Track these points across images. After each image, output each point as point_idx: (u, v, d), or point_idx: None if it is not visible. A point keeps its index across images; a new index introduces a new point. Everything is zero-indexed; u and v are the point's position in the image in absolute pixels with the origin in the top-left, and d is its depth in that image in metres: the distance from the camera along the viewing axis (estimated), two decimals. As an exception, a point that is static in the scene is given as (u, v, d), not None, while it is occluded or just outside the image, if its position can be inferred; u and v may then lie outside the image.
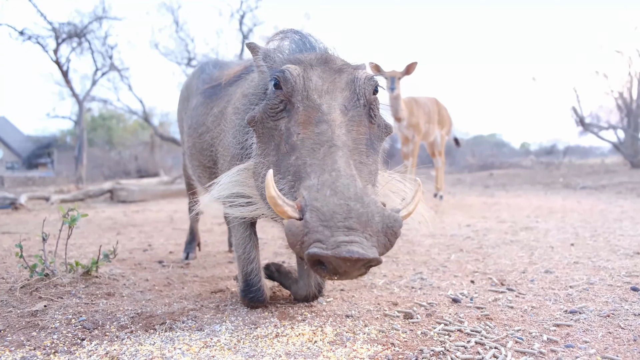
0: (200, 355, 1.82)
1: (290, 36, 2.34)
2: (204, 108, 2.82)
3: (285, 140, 1.85)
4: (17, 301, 2.48)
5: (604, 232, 4.87)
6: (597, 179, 14.11)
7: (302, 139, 1.80)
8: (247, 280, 2.44)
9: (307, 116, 1.86)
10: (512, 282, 2.95)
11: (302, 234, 1.51)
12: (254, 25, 22.20)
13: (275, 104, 1.95)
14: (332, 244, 1.46)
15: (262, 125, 1.97)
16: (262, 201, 1.97)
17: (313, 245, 1.47)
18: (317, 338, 2.00)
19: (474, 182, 16.40)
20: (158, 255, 4.07)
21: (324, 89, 1.94)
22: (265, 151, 1.94)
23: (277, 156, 1.87)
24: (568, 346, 1.89)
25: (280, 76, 1.95)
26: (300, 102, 1.90)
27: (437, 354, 1.84)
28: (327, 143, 1.75)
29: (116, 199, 10.80)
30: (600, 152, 32.69)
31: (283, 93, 1.93)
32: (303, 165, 1.71)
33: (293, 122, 1.88)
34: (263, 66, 2.19)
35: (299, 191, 1.63)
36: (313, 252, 1.46)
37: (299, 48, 2.25)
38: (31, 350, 1.86)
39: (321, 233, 1.49)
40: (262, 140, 1.97)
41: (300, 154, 1.76)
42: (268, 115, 1.95)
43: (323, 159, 1.70)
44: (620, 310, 2.33)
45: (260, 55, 2.20)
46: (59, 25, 18.73)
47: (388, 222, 1.58)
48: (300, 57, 2.10)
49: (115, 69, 21.45)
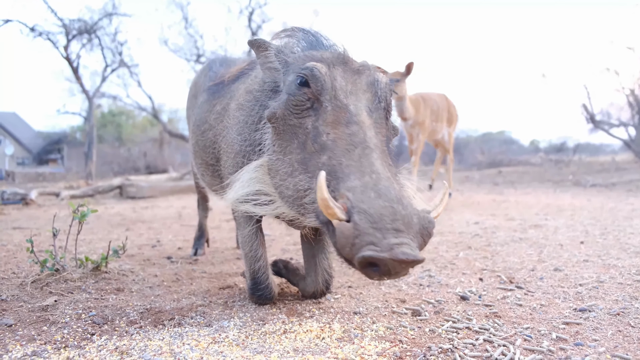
0: (209, 350, 1.83)
1: (299, 34, 2.33)
2: (207, 105, 2.82)
3: (312, 138, 1.86)
4: (28, 296, 2.51)
5: (614, 230, 4.83)
6: (607, 176, 14.00)
7: (333, 139, 1.81)
8: (254, 278, 2.44)
9: (335, 116, 1.87)
10: (521, 279, 2.94)
11: (353, 237, 1.52)
12: (263, 22, 22.18)
13: (301, 101, 1.94)
14: (386, 246, 1.48)
15: (284, 122, 1.96)
16: (281, 199, 1.97)
17: (367, 248, 1.48)
18: (325, 334, 2.01)
19: (482, 179, 16.33)
20: (167, 251, 4.09)
21: (348, 90, 1.95)
22: (287, 148, 1.93)
23: (302, 154, 1.87)
24: (577, 344, 1.89)
25: (308, 74, 1.94)
26: (328, 102, 1.91)
27: (445, 351, 1.83)
28: (360, 145, 1.78)
29: (125, 195, 10.86)
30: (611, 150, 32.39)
31: (311, 91, 1.93)
32: (339, 166, 1.72)
33: (321, 120, 1.88)
34: (274, 62, 2.17)
35: (340, 192, 1.64)
36: (369, 255, 1.47)
37: (311, 46, 2.24)
38: (42, 345, 1.87)
39: (373, 235, 1.50)
40: (283, 137, 1.96)
41: (333, 154, 1.77)
42: (291, 112, 1.95)
43: (359, 161, 1.73)
44: (631, 309, 2.31)
45: (272, 51, 2.18)
46: (69, 21, 18.81)
47: (424, 223, 1.63)
48: (320, 55, 2.09)
49: (125, 66, 21.53)
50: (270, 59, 2.19)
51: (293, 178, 1.87)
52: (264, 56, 2.20)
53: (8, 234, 5.02)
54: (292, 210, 1.94)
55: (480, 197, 9.63)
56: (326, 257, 2.57)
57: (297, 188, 1.85)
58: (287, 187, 1.90)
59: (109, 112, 33.22)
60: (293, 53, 2.19)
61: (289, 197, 1.91)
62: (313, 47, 2.23)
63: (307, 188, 1.81)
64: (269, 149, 2.04)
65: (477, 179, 16.59)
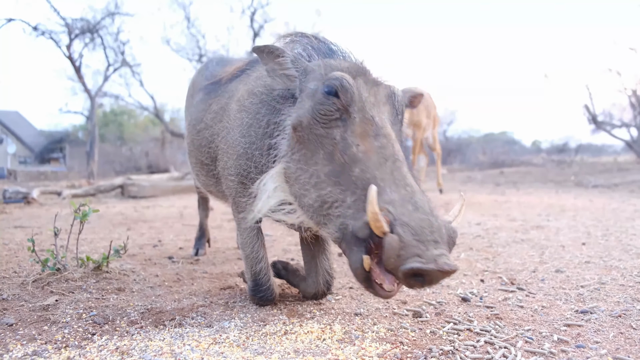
0: (209, 351, 1.83)
1: (306, 40, 2.31)
2: (203, 105, 2.81)
3: (341, 150, 1.86)
4: (29, 295, 2.51)
5: (616, 231, 4.82)
6: (609, 177, 13.97)
7: (364, 152, 1.83)
8: (256, 279, 2.43)
9: (363, 128, 1.89)
10: (523, 281, 2.93)
11: (399, 248, 1.57)
12: (265, 21, 22.24)
13: (330, 111, 1.92)
14: (430, 257, 1.55)
15: (309, 131, 1.95)
16: (301, 208, 1.98)
17: (413, 259, 1.54)
18: (325, 336, 2.00)
19: (484, 179, 16.31)
20: (168, 251, 4.09)
21: (371, 101, 1.97)
22: (312, 158, 1.92)
23: (330, 166, 1.86)
24: (579, 346, 1.88)
25: (337, 84, 1.93)
26: (357, 113, 1.92)
27: (446, 353, 1.83)
28: (391, 158, 1.83)
29: (127, 194, 10.87)
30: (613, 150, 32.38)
31: (340, 101, 1.92)
32: (374, 179, 1.75)
33: (350, 132, 1.89)
34: (290, 69, 2.13)
35: (379, 205, 1.66)
36: (417, 267, 1.53)
37: (323, 54, 2.23)
38: (42, 345, 1.87)
39: (417, 247, 1.57)
40: (307, 146, 1.95)
41: (366, 166, 1.79)
42: (318, 122, 1.93)
43: (392, 174, 1.78)
44: (632, 311, 2.30)
45: (288, 58, 2.13)
46: (72, 21, 18.89)
47: (450, 233, 1.70)
48: (339, 65, 2.10)
49: (127, 65, 21.59)
50: (285, 66, 2.14)
51: (319, 189, 1.87)
52: (278, 63, 2.15)
53: (10, 232, 5.02)
54: (311, 219, 1.95)
55: (482, 198, 9.62)
56: (327, 257, 2.57)
57: (324, 199, 1.85)
58: (309, 197, 1.90)
59: (111, 112, 33.30)
60: (308, 60, 2.17)
61: (309, 207, 1.91)
62: (326, 55, 2.21)
63: (335, 200, 1.81)
64: (286, 156, 2.03)
65: (479, 179, 16.58)
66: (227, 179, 2.43)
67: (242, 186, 2.35)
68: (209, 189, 2.96)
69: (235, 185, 2.38)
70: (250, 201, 2.34)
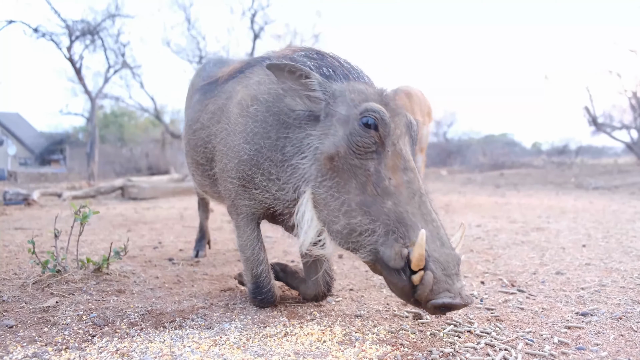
0: (210, 353, 1.83)
1: (330, 61, 2.27)
2: (199, 105, 2.80)
3: (374, 182, 1.93)
4: (29, 297, 2.51)
5: (617, 233, 4.82)
6: (609, 179, 13.97)
7: (395, 185, 1.93)
8: (257, 282, 2.43)
9: (394, 161, 1.97)
10: (523, 283, 2.93)
11: (432, 284, 1.77)
12: (265, 23, 22.27)
13: (367, 143, 1.96)
14: (456, 291, 1.77)
15: (345, 161, 1.98)
16: (330, 235, 2.02)
17: (443, 295, 1.76)
18: (326, 338, 2.00)
19: (484, 181, 16.31)
20: (168, 253, 4.09)
21: (397, 133, 2.03)
22: (345, 187, 1.96)
23: (362, 196, 1.93)
24: (579, 349, 1.88)
25: (377, 117, 1.97)
26: (390, 146, 1.99)
27: (447, 355, 1.83)
28: (418, 192, 1.95)
29: (127, 195, 10.87)
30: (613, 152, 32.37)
31: (378, 134, 1.96)
32: (406, 214, 1.88)
33: (383, 165, 1.96)
34: (317, 92, 2.10)
35: (412, 240, 1.82)
36: (447, 302, 1.74)
37: (345, 76, 2.20)
38: (42, 346, 1.87)
39: (446, 282, 1.78)
40: (341, 175, 1.98)
41: (398, 200, 1.90)
42: (354, 152, 1.97)
43: (420, 209, 1.91)
44: (633, 313, 2.30)
45: (315, 80, 2.10)
46: (72, 22, 18.92)
47: (458, 261, 1.88)
48: (365, 89, 2.11)
49: (127, 67, 21.62)
50: (311, 88, 2.11)
51: (349, 218, 1.93)
52: (303, 84, 2.11)
53: (10, 234, 5.02)
54: (339, 244, 2.01)
55: (482, 199, 9.62)
56: (327, 259, 2.57)
57: (354, 228, 1.92)
58: (339, 224, 1.96)
59: (111, 113, 33.29)
60: (330, 83, 2.14)
61: (338, 233, 1.98)
62: (345, 77, 2.20)
63: (366, 230, 1.90)
64: (315, 181, 2.04)
65: (479, 181, 16.58)
66: (226, 181, 2.42)
67: (244, 189, 2.35)
68: (204, 189, 2.96)
69: (236, 187, 2.38)
70: (250, 204, 2.35)
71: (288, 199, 2.20)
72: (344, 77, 2.20)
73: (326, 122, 2.09)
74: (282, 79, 2.14)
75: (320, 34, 23.23)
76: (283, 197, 2.21)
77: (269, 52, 2.63)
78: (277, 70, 2.13)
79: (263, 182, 2.25)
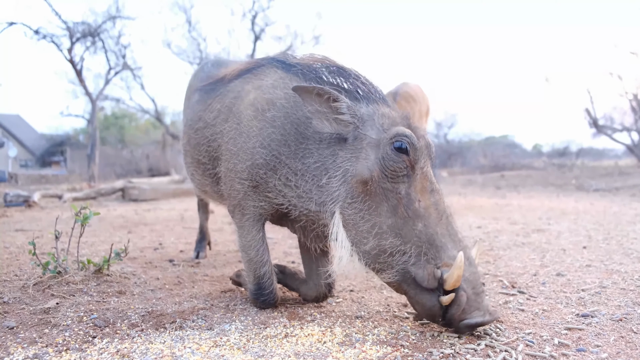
0: (210, 354, 1.83)
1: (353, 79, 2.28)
2: (200, 105, 2.79)
3: (405, 205, 1.99)
4: (30, 298, 2.51)
5: (617, 234, 4.82)
6: (610, 181, 13.96)
7: (425, 207, 2.01)
8: (259, 283, 2.42)
9: (422, 184, 2.04)
10: (523, 284, 2.93)
11: (464, 303, 1.88)
12: (266, 25, 22.30)
13: (400, 168, 2.01)
14: (485, 309, 1.91)
15: (377, 184, 2.02)
16: (357, 254, 2.06)
17: (475, 313, 1.89)
18: (326, 339, 2.00)
19: (485, 183, 16.31)
20: (169, 254, 4.09)
21: (423, 155, 2.08)
22: (377, 209, 2.01)
23: (393, 219, 1.99)
24: (579, 350, 1.88)
25: (409, 142, 2.02)
26: (419, 170, 2.05)
27: (447, 356, 1.83)
28: (444, 213, 2.03)
29: (128, 197, 10.87)
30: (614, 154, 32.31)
31: (409, 159, 2.02)
32: (436, 235, 1.96)
33: (413, 188, 2.02)
34: (346, 115, 2.11)
35: (444, 261, 1.93)
36: (480, 321, 1.88)
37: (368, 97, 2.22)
38: (43, 347, 1.88)
39: (476, 301, 1.90)
40: (372, 198, 2.02)
41: (428, 222, 1.98)
42: (386, 176, 2.02)
43: (447, 229, 2.00)
44: (633, 315, 2.30)
45: (344, 104, 2.11)
46: (73, 24, 18.92)
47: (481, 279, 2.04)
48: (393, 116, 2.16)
49: (128, 68, 21.62)
50: (340, 112, 2.12)
51: (379, 239, 1.99)
52: (331, 108, 2.12)
53: (11, 236, 5.03)
54: (366, 264, 2.06)
55: (483, 201, 9.62)
56: (328, 260, 2.57)
57: (384, 249, 1.98)
58: (368, 245, 2.01)
59: (112, 115, 33.33)
60: (358, 106, 2.16)
61: (366, 253, 2.03)
62: (369, 98, 2.21)
63: (398, 251, 1.96)
64: (344, 202, 2.07)
65: (480, 182, 16.58)
66: (234, 181, 2.41)
67: (254, 190, 2.34)
68: (203, 189, 2.95)
69: (245, 188, 2.37)
70: (260, 204, 2.35)
71: (309, 209, 2.21)
72: (366, 97, 2.21)
73: (355, 145, 2.12)
74: (309, 102, 2.14)
75: (320, 36, 23.24)
76: (301, 205, 2.23)
77: (278, 54, 2.61)
78: (304, 93, 2.14)
79: (279, 186, 2.27)
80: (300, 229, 2.40)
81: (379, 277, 2.07)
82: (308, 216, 2.24)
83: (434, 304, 1.94)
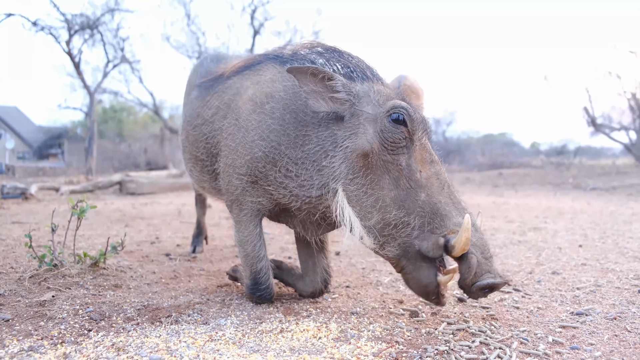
0: (205, 348, 1.83)
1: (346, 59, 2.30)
2: (199, 101, 2.78)
3: (407, 176, 1.99)
4: (25, 291, 2.51)
5: (613, 234, 4.83)
6: (607, 180, 13.99)
7: (426, 178, 2.01)
8: (256, 278, 2.42)
9: (422, 155, 2.05)
10: (519, 282, 2.94)
11: (475, 267, 1.86)
12: (265, 19, 22.21)
13: (398, 139, 2.02)
14: (496, 272, 1.89)
15: (378, 157, 2.03)
16: (364, 229, 2.05)
17: (487, 276, 1.86)
18: (321, 334, 2.01)
19: (483, 181, 16.33)
20: (165, 248, 4.09)
21: (419, 127, 2.08)
22: (378, 183, 2.01)
23: (396, 191, 1.99)
24: (573, 348, 1.89)
25: (405, 113, 2.03)
26: (417, 140, 2.06)
27: (441, 352, 1.83)
28: (446, 183, 2.04)
29: (125, 191, 10.86)
30: (612, 154, 32.33)
31: (407, 130, 2.02)
32: (439, 204, 1.96)
33: (413, 159, 2.03)
34: (341, 93, 2.13)
35: (450, 228, 1.91)
36: (492, 282, 1.85)
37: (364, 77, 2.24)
38: (39, 340, 1.88)
39: (486, 264, 1.89)
40: (374, 172, 2.03)
41: (430, 192, 1.98)
42: (386, 149, 2.02)
43: (450, 198, 2.00)
44: (627, 313, 2.31)
45: (339, 82, 2.13)
46: (71, 16, 18.84)
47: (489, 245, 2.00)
48: (388, 92, 2.17)
49: (127, 62, 21.55)
50: (335, 90, 2.14)
51: (383, 213, 1.98)
52: (326, 86, 2.14)
53: (7, 228, 5.02)
54: (370, 238, 2.04)
55: (480, 199, 9.64)
56: (325, 256, 2.57)
57: (388, 222, 1.97)
58: (373, 219, 2.01)
59: (110, 108, 33.24)
60: (353, 84, 2.18)
61: (371, 228, 2.02)
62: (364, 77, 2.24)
63: (402, 223, 1.96)
64: (345, 179, 2.07)
65: (478, 180, 16.59)
66: (232, 177, 2.41)
67: (253, 185, 2.34)
68: (202, 185, 2.95)
69: (243, 184, 2.37)
70: (258, 200, 2.35)
71: (310, 196, 2.21)
72: (360, 76, 2.24)
73: (353, 122, 2.13)
74: (304, 82, 2.15)
75: (320, 31, 23.19)
76: (303, 194, 2.22)
77: (274, 49, 2.63)
78: (299, 74, 2.15)
79: (279, 178, 2.26)
80: (299, 223, 2.40)
81: (381, 252, 2.04)
82: (310, 204, 2.23)
83: (430, 281, 1.94)
